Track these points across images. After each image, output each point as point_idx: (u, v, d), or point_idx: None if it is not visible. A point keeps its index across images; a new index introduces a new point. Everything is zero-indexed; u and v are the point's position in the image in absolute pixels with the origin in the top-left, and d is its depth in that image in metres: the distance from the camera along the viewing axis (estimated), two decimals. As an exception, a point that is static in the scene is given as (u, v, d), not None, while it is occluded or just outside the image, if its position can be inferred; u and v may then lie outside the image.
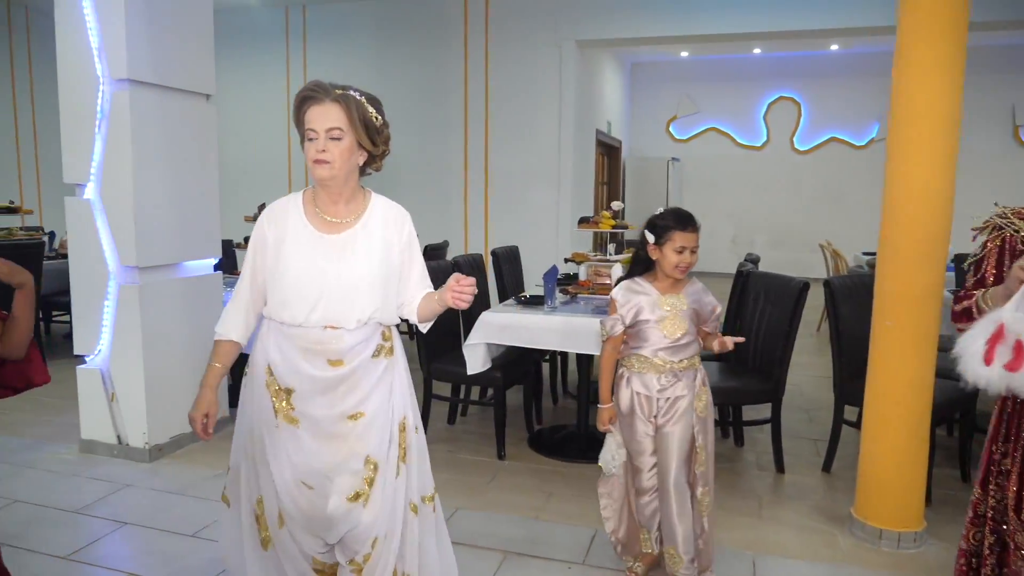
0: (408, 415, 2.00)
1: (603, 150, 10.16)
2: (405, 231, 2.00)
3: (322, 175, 1.84)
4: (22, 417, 4.44)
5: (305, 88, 1.85)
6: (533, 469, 3.67)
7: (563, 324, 3.54)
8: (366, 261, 1.89)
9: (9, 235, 5.90)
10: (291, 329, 1.89)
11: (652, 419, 2.45)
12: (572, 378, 5.21)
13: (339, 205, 1.93)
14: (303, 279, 1.86)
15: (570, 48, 7.50)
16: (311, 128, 1.82)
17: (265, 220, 1.95)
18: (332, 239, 1.90)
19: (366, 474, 1.90)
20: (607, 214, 4.34)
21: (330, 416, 1.89)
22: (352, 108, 1.82)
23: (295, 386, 1.89)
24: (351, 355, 1.89)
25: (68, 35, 3.58)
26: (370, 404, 1.91)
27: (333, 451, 1.89)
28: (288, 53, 8.54)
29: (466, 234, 7.95)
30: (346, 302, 1.86)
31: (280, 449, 1.90)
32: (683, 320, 2.42)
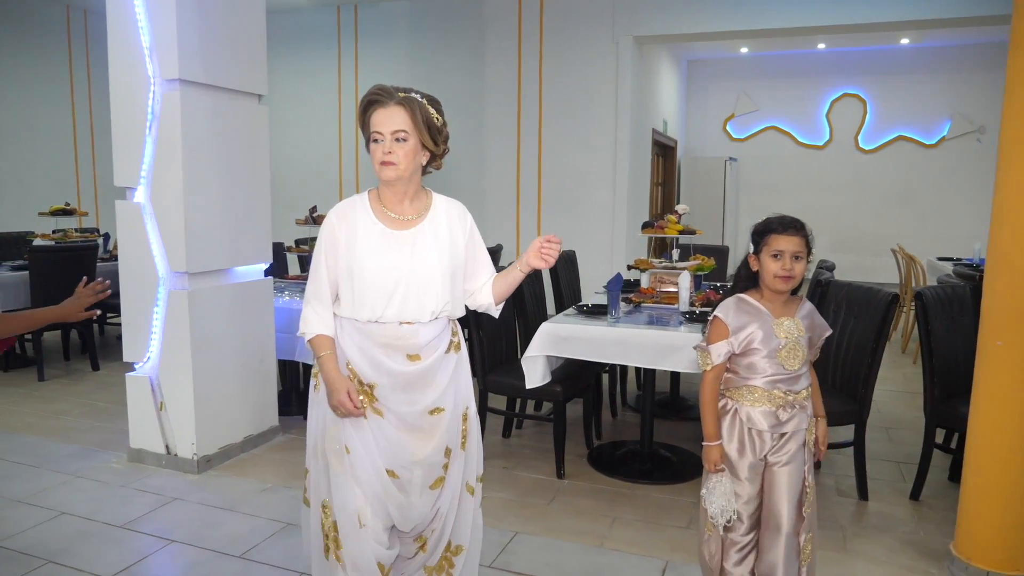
0: (471, 404, 2.14)
1: (658, 150, 9.86)
2: (467, 224, 2.09)
3: (389, 176, 1.91)
4: (75, 422, 4.40)
5: (370, 92, 1.91)
6: (595, 490, 3.46)
7: (628, 336, 3.31)
8: (436, 255, 1.97)
9: (65, 237, 5.93)
10: (369, 326, 1.95)
11: (762, 458, 2.14)
12: (631, 387, 4.98)
13: (404, 203, 2.00)
14: (379, 274, 1.92)
15: (627, 44, 7.25)
16: (377, 131, 1.89)
17: (335, 219, 1.99)
18: (402, 235, 1.97)
19: (444, 462, 2.04)
20: (673, 218, 4.09)
21: (413, 412, 1.98)
22: (416, 110, 1.89)
23: (376, 380, 1.96)
24: (428, 349, 1.98)
25: (119, 35, 3.49)
26: (448, 399, 2.03)
27: (420, 444, 2.00)
28: (340, 53, 8.47)
29: (518, 238, 7.76)
30: (421, 295, 1.94)
31: (367, 439, 1.97)
32: (801, 348, 2.11)
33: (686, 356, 3.19)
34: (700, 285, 4.16)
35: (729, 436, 2.16)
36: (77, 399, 4.88)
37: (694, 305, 3.75)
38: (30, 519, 3.12)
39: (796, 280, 2.10)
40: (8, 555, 2.82)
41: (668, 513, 3.20)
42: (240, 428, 3.87)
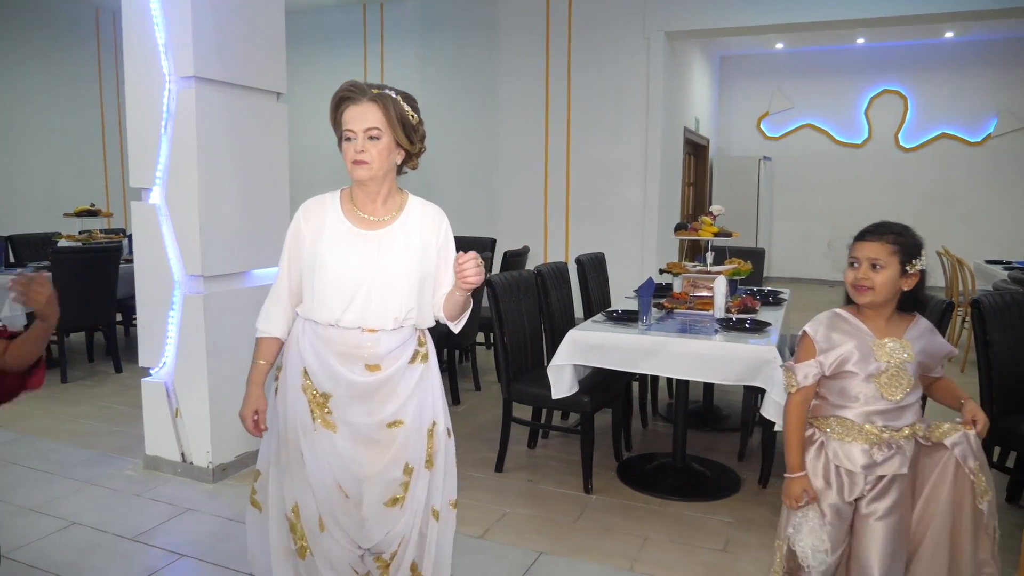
0: (439, 420, 1.99)
1: (690, 149, 9.63)
2: (442, 230, 1.97)
3: (361, 176, 1.82)
4: (94, 426, 4.34)
5: (341, 88, 1.83)
6: (624, 506, 3.28)
7: (661, 344, 3.13)
8: (404, 258, 1.87)
9: (90, 238, 5.90)
10: (328, 331, 1.85)
11: (852, 502, 1.88)
12: (663, 395, 4.78)
13: (376, 203, 1.90)
14: (341, 274, 1.83)
15: (659, 40, 7.04)
16: (349, 129, 1.81)
17: (302, 216, 1.92)
18: (370, 236, 1.88)
19: (403, 480, 1.91)
20: (707, 219, 3.89)
21: (369, 424, 1.88)
22: (390, 107, 1.81)
23: (332, 391, 1.87)
24: (389, 359, 1.87)
25: (135, 32, 3.40)
26: (408, 412, 1.91)
27: (373, 458, 1.88)
28: (366, 52, 8.38)
29: (546, 238, 7.59)
30: (384, 300, 1.84)
31: (318, 453, 1.88)
32: (907, 375, 1.83)
33: (722, 367, 3.01)
34: (736, 290, 3.96)
35: (813, 471, 1.90)
36: (98, 402, 4.82)
37: (730, 311, 3.55)
38: (40, 529, 3.03)
39: (878, 293, 1.84)
40: (15, 568, 2.72)
41: (703, 533, 3.01)
42: (256, 437, 3.75)
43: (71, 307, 5.18)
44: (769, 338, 3.10)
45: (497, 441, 3.71)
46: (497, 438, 3.72)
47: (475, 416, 4.55)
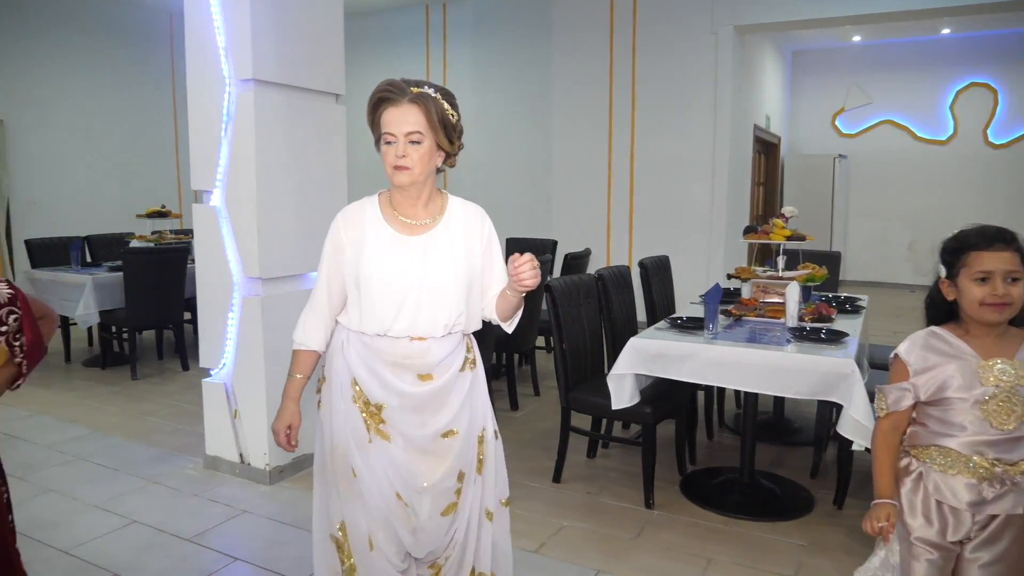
0: (488, 425, 1.96)
1: (760, 147, 9.30)
2: (485, 230, 1.90)
3: (403, 181, 1.75)
4: (159, 424, 4.42)
5: (379, 88, 1.75)
6: (687, 523, 3.12)
7: (728, 355, 2.96)
8: (451, 262, 1.80)
9: (160, 238, 6.05)
10: (377, 341, 1.80)
11: (956, 543, 1.69)
12: (730, 405, 4.58)
13: (418, 207, 1.83)
14: (389, 283, 1.77)
15: (727, 34, 6.80)
16: (389, 132, 1.73)
17: (342, 225, 1.84)
18: (414, 241, 1.81)
19: (457, 487, 1.88)
20: (779, 222, 3.69)
21: (423, 435, 1.83)
22: (431, 108, 1.72)
23: (385, 401, 1.81)
24: (441, 368, 1.83)
25: (196, 36, 3.43)
26: (462, 421, 1.87)
27: (430, 469, 1.84)
28: (428, 52, 8.39)
29: (608, 241, 7.43)
30: (433, 307, 1.78)
31: (374, 464, 1.82)
32: (1021, 400, 1.62)
33: (795, 380, 2.82)
34: (810, 297, 3.74)
35: (911, 506, 1.72)
36: (164, 400, 4.92)
37: (803, 320, 3.34)
38: (103, 526, 3.07)
39: (1015, 307, 1.64)
40: (76, 564, 2.76)
41: (772, 556, 2.83)
42: (313, 439, 3.74)
43: (141, 306, 5.32)
44: (846, 349, 2.90)
45: (555, 450, 3.60)
46: (555, 446, 3.61)
47: (533, 423, 4.45)
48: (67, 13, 7.70)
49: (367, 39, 8.32)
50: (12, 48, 7.07)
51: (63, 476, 3.59)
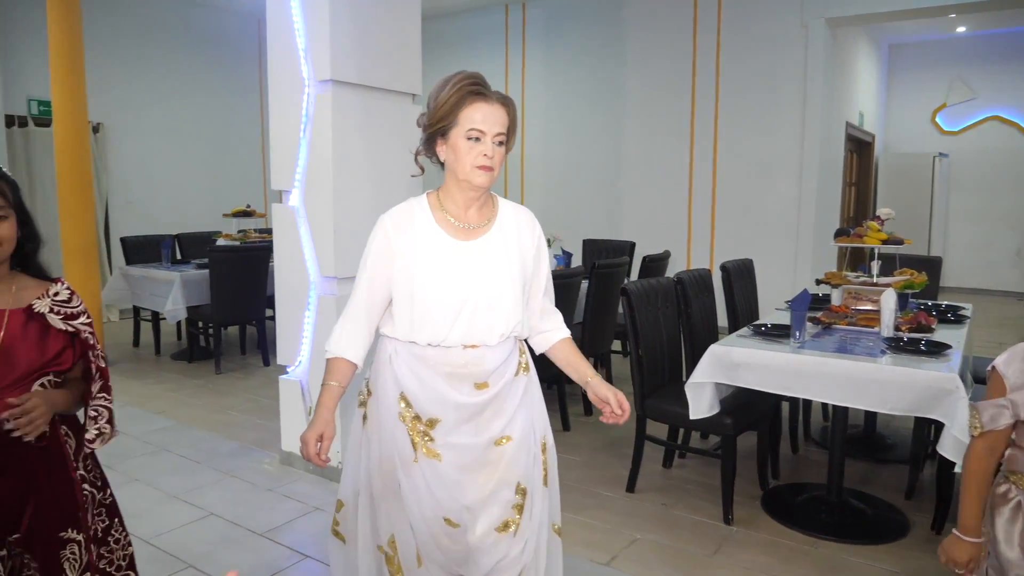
0: (548, 433, 1.88)
1: (853, 146, 8.86)
2: (536, 235, 1.84)
3: (484, 182, 1.67)
4: (240, 418, 4.53)
5: (469, 80, 1.65)
6: (768, 542, 2.95)
7: (816, 365, 2.79)
8: (506, 267, 1.73)
9: (245, 237, 6.22)
10: (430, 352, 1.71)
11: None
12: (816, 417, 4.35)
13: (472, 210, 1.75)
14: (443, 291, 1.69)
15: (819, 27, 6.49)
16: (478, 128, 1.64)
17: (391, 230, 1.74)
18: (468, 246, 1.73)
19: (516, 501, 1.76)
20: (873, 224, 3.46)
21: (476, 444, 1.74)
22: (514, 113, 1.70)
23: (440, 415, 1.72)
24: (496, 376, 1.75)
25: (278, 38, 3.48)
26: (516, 427, 1.77)
27: (482, 482, 1.74)
28: (507, 53, 8.36)
29: (689, 242, 7.22)
30: (490, 314, 1.71)
31: (419, 485, 1.73)
32: None
33: (890, 394, 2.62)
34: (907, 305, 3.49)
35: (1007, 538, 1.57)
36: (246, 394, 5.05)
37: (900, 329, 3.12)
38: (181, 517, 3.15)
39: None
40: (155, 554, 2.83)
41: (861, 583, 2.65)
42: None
43: (226, 302, 5.48)
44: (949, 363, 2.67)
45: (629, 458, 3.49)
46: (629, 454, 3.49)
47: (607, 429, 4.34)
48: (160, 21, 8.04)
49: (446, 41, 8.36)
50: (110, 56, 7.42)
51: (148, 466, 3.71)
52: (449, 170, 1.72)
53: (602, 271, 4.34)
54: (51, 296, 1.59)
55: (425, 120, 1.72)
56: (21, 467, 1.53)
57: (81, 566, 1.60)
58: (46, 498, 1.55)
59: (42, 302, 1.57)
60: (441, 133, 1.68)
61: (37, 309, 1.56)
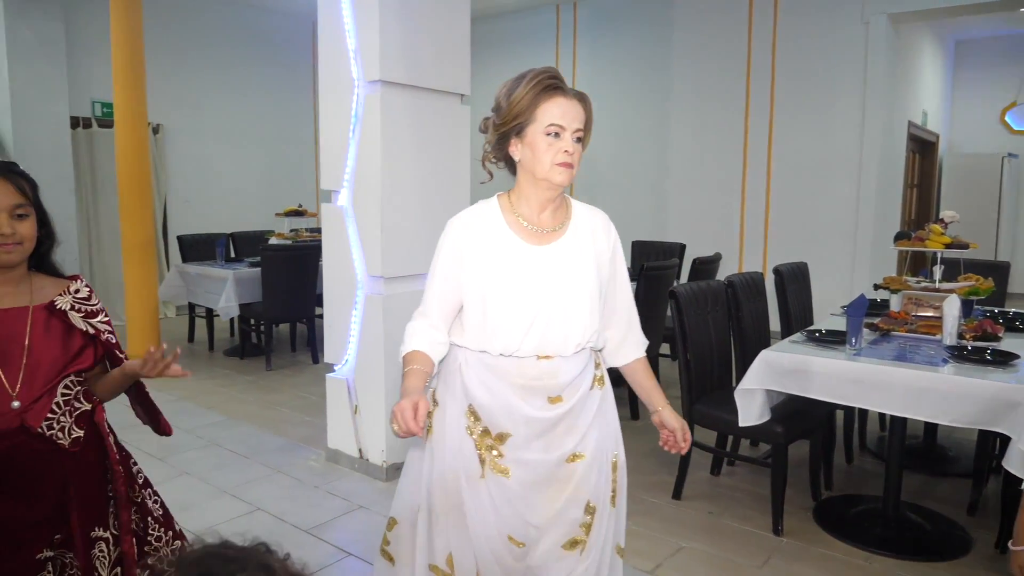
0: (620, 450, 1.80)
1: (915, 146, 8.55)
2: (611, 238, 1.75)
3: (564, 180, 1.61)
4: (288, 415, 4.60)
5: (548, 75, 1.60)
6: (820, 555, 2.85)
7: (872, 374, 2.68)
8: (583, 273, 1.66)
9: (296, 236, 6.32)
10: (500, 362, 1.64)
11: None
12: (873, 426, 4.20)
13: (547, 212, 1.68)
14: (517, 299, 1.61)
15: (880, 24, 6.27)
16: (557, 124, 1.58)
17: (463, 234, 1.67)
18: (542, 251, 1.66)
19: (584, 520, 1.68)
20: (936, 227, 3.32)
21: (547, 461, 1.65)
22: (591, 108, 1.64)
23: (511, 430, 1.64)
24: (571, 389, 1.66)
25: (329, 39, 3.51)
26: (589, 444, 1.69)
27: (551, 500, 1.66)
28: (558, 52, 8.31)
29: (741, 245, 7.06)
30: (566, 323, 1.63)
31: (484, 502, 1.65)
32: None
33: (952, 406, 2.50)
34: (972, 312, 3.34)
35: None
36: (294, 391, 5.13)
37: (963, 338, 2.98)
38: (229, 512, 3.21)
39: None
40: (203, 548, 2.88)
41: (919, 602, 2.54)
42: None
43: (277, 300, 5.58)
44: (1017, 373, 2.54)
45: (676, 464, 3.42)
46: (676, 460, 3.42)
47: (654, 433, 4.20)
48: (217, 23, 8.23)
49: (495, 41, 8.36)
50: (169, 58, 7.63)
51: (198, 460, 3.79)
52: (524, 170, 1.65)
53: (651, 273, 4.27)
54: (72, 293, 1.60)
55: (497, 119, 1.65)
56: (58, 472, 1.55)
57: (111, 562, 1.63)
58: (80, 500, 1.58)
59: (63, 299, 1.57)
60: (516, 131, 1.61)
61: (59, 306, 1.56)
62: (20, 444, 1.48)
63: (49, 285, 1.60)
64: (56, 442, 1.53)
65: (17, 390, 1.47)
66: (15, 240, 1.48)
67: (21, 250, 1.51)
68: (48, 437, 1.52)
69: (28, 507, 1.51)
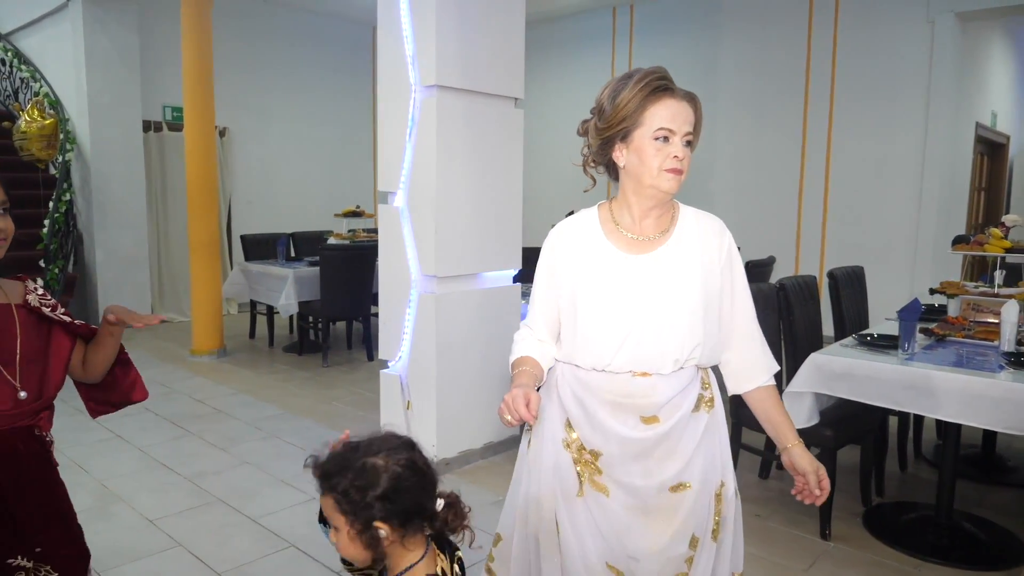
0: (728, 479, 1.62)
1: (984, 148, 8.27)
2: (725, 246, 1.60)
3: (673, 187, 1.51)
4: (344, 409, 4.75)
5: (657, 75, 1.49)
6: (869, 560, 2.83)
7: (924, 378, 2.64)
8: (684, 284, 1.53)
9: (354, 236, 6.50)
10: (592, 376, 1.56)
11: None
12: (929, 434, 4.11)
13: (650, 219, 1.58)
14: (608, 310, 1.53)
15: (947, 22, 6.11)
16: (667, 127, 1.48)
17: (559, 243, 1.64)
18: (640, 260, 1.56)
19: (688, 555, 1.55)
20: (997, 232, 3.25)
21: (647, 487, 1.54)
22: (700, 109, 1.54)
23: (602, 448, 1.56)
24: (668, 409, 1.54)
25: (387, 45, 3.63)
26: (695, 472, 1.55)
27: (655, 530, 1.54)
28: (614, 54, 8.33)
29: (798, 249, 6.96)
30: (661, 338, 1.52)
31: (581, 523, 1.56)
32: None
33: (1008, 413, 2.46)
34: (1033, 318, 3.25)
35: None
36: (350, 387, 5.28)
37: (1022, 344, 2.91)
38: (288, 500, 3.35)
39: None
40: (261, 532, 3.03)
41: (970, 611, 2.50)
42: (481, 434, 3.84)
43: (334, 298, 5.75)
44: (1077, 381, 2.48)
45: (724, 467, 3.42)
46: (724, 464, 3.42)
47: (703, 436, 4.26)
48: (281, 29, 8.51)
49: (551, 44, 8.42)
50: (235, 63, 7.92)
51: (258, 451, 3.96)
52: (629, 176, 1.56)
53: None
54: (35, 292, 1.59)
55: (600, 122, 1.55)
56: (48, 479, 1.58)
57: None
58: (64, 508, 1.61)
59: (32, 296, 1.57)
60: (622, 136, 1.52)
61: (33, 303, 1.56)
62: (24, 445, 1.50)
63: (10, 284, 1.59)
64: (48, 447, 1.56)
65: (19, 382, 1.49)
66: (2, 236, 1.50)
67: (5, 246, 1.51)
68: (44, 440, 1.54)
69: None
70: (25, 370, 1.49)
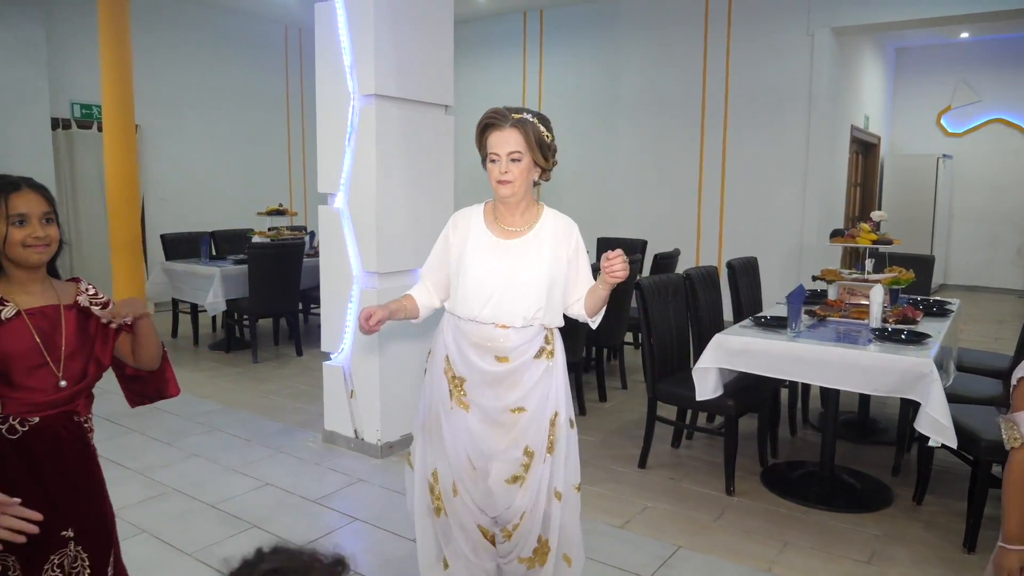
0: (561, 410, 2.20)
1: (858, 148, 9.16)
2: (572, 241, 2.20)
3: (505, 193, 2.10)
4: (282, 402, 4.91)
5: (486, 116, 2.10)
6: (766, 510, 3.31)
7: (809, 352, 3.13)
8: (536, 265, 2.12)
9: (277, 234, 6.60)
10: (466, 324, 2.15)
11: None
12: (815, 404, 4.69)
13: (516, 216, 2.17)
14: (481, 277, 2.12)
15: (824, 36, 6.81)
16: (494, 152, 2.07)
17: (451, 225, 2.25)
18: (507, 244, 2.15)
19: (523, 461, 2.16)
20: (866, 227, 3.80)
21: (496, 407, 2.14)
22: (529, 132, 2.06)
23: (467, 376, 2.16)
24: (516, 353, 2.13)
25: (325, 55, 3.84)
26: (531, 401, 2.15)
27: (497, 438, 2.15)
28: (525, 58, 8.69)
29: (698, 242, 7.56)
30: (515, 300, 2.10)
31: (454, 428, 2.18)
32: None
33: (873, 377, 2.97)
34: (897, 299, 3.83)
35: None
36: (283, 381, 5.43)
37: (887, 322, 3.46)
38: (241, 487, 3.53)
39: None
40: (223, 516, 3.21)
41: (846, 543, 3.00)
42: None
43: (262, 296, 5.86)
44: (928, 351, 3.01)
45: (641, 439, 3.84)
46: (641, 435, 3.84)
47: (621, 413, 4.69)
48: (196, 26, 8.41)
49: (464, 46, 8.69)
50: (149, 59, 7.78)
51: (204, 443, 4.09)
52: None
53: (617, 268, 4.68)
54: (87, 292, 1.76)
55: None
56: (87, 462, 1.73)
57: None
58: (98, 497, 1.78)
59: (83, 297, 1.74)
60: (483, 160, 2.14)
61: (83, 303, 1.73)
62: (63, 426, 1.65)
63: (61, 286, 1.72)
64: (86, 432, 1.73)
65: (61, 372, 1.65)
66: (46, 242, 1.65)
67: (49, 251, 1.65)
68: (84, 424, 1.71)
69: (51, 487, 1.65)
70: (69, 362, 1.66)
